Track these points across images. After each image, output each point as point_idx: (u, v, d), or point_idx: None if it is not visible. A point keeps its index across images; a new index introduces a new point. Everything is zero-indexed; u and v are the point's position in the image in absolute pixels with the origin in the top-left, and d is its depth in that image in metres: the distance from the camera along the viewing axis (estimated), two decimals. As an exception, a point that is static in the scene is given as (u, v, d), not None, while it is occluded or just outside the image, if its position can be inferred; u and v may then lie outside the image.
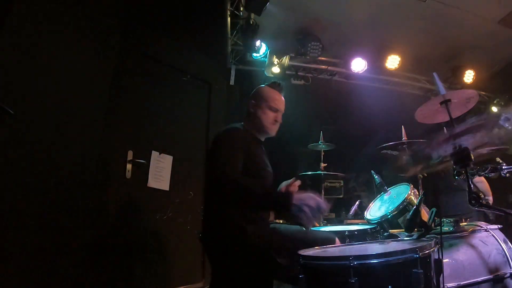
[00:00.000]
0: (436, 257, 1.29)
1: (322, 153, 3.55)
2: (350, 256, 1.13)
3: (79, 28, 2.33)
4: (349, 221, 4.06)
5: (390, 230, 2.20)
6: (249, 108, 2.03)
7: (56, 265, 2.05)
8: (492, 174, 1.48)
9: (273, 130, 2.02)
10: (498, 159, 3.38)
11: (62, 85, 2.21)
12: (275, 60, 3.92)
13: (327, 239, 1.81)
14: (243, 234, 1.66)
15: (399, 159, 1.52)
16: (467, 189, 1.34)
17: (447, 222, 1.81)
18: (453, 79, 4.66)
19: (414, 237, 1.55)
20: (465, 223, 1.95)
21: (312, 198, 1.48)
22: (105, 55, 2.56)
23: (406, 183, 2.42)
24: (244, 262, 1.68)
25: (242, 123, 2.05)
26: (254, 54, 3.87)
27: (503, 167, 1.47)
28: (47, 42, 2.12)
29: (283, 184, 2.09)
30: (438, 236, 1.40)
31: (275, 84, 2.07)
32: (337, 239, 1.86)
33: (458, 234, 1.75)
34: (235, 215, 1.73)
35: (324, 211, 1.49)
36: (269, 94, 2.02)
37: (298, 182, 1.85)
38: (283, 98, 2.06)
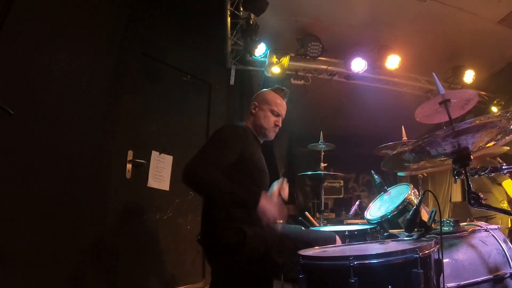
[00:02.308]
0: (436, 257, 1.29)
1: (322, 153, 3.55)
2: (350, 256, 1.13)
3: (79, 28, 2.34)
4: (349, 221, 4.06)
5: (390, 230, 2.20)
6: (251, 109, 2.04)
7: (56, 265, 2.05)
8: (492, 174, 1.48)
9: (271, 134, 2.04)
10: (498, 159, 3.39)
11: (62, 85, 2.21)
12: (275, 60, 3.92)
13: (328, 239, 1.82)
14: (243, 236, 1.66)
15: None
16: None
17: (447, 222, 1.81)
18: (453, 79, 4.66)
19: (414, 237, 1.55)
20: (465, 223, 1.95)
21: (272, 203, 1.63)
22: (105, 55, 2.56)
23: (406, 183, 2.42)
24: (244, 264, 1.68)
25: (244, 123, 2.05)
26: (254, 55, 3.87)
27: (503, 167, 1.47)
28: (47, 42, 2.12)
29: (274, 184, 2.10)
30: (438, 236, 1.40)
31: (280, 89, 2.10)
32: (337, 238, 1.86)
33: (458, 234, 1.75)
34: (235, 217, 1.73)
35: (284, 214, 1.65)
36: (273, 98, 2.04)
37: (286, 184, 1.98)
38: (285, 104, 2.09)
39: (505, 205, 3.59)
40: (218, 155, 1.70)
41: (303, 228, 2.30)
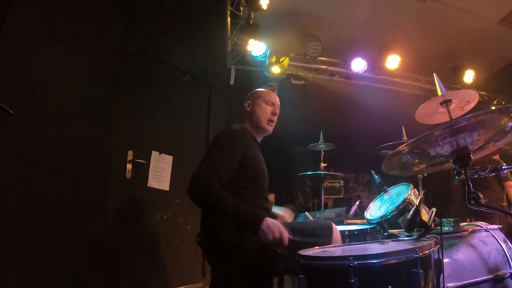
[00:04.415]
0: (436, 257, 1.30)
1: (322, 153, 3.55)
2: (350, 256, 1.13)
3: (79, 28, 2.34)
4: (349, 221, 4.06)
5: (390, 230, 2.20)
6: (245, 108, 2.07)
7: (56, 265, 2.05)
8: (492, 174, 1.48)
9: (270, 126, 2.04)
10: (498, 159, 3.37)
11: (62, 85, 2.21)
12: (275, 60, 3.92)
13: (324, 227, 1.84)
14: (240, 235, 1.66)
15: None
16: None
17: (447, 222, 1.81)
18: (453, 79, 4.66)
19: (414, 237, 1.55)
20: (465, 223, 1.95)
21: (278, 229, 1.56)
22: (105, 55, 2.56)
23: (406, 183, 2.42)
24: (244, 263, 1.68)
25: (240, 124, 2.05)
26: (254, 54, 3.87)
27: (503, 167, 1.47)
28: (47, 41, 2.12)
29: (277, 209, 2.12)
30: (438, 236, 1.40)
31: (267, 85, 2.13)
32: (334, 225, 1.86)
33: (458, 234, 1.75)
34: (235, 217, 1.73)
35: (284, 243, 1.57)
36: (263, 92, 2.09)
37: (289, 215, 1.99)
38: (276, 96, 2.12)
39: (504, 205, 3.59)
40: (221, 165, 1.70)
41: (300, 219, 2.31)
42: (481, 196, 1.33)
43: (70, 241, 2.14)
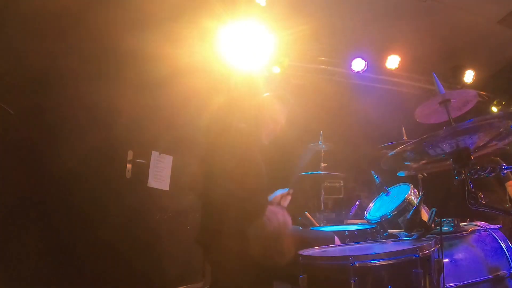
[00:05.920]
0: (436, 257, 1.30)
1: (322, 153, 3.55)
2: (350, 256, 1.14)
3: (79, 27, 2.34)
4: (349, 221, 4.06)
5: (390, 230, 2.20)
6: (255, 113, 2.06)
7: (55, 265, 2.05)
8: (492, 174, 1.48)
9: (268, 140, 2.10)
10: (498, 159, 3.37)
11: (62, 85, 2.21)
12: (275, 60, 3.92)
13: (326, 238, 1.84)
14: (243, 237, 1.66)
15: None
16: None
17: (447, 222, 1.81)
18: (453, 79, 4.67)
19: (414, 237, 1.55)
20: (465, 223, 1.95)
21: (281, 214, 1.64)
22: (105, 54, 2.56)
23: (406, 183, 2.42)
24: (245, 264, 1.68)
25: (244, 125, 2.05)
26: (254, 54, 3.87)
27: (503, 167, 1.47)
28: (46, 41, 2.12)
29: (278, 193, 2.12)
30: (438, 236, 1.40)
31: (281, 96, 2.15)
32: (336, 238, 1.87)
33: (458, 234, 1.75)
34: (236, 218, 1.73)
35: (289, 226, 1.65)
36: (276, 107, 2.11)
37: (290, 196, 2.03)
38: (285, 109, 2.15)
39: (507, 206, 3.58)
40: (223, 163, 1.72)
41: (300, 228, 2.31)
42: (481, 196, 1.33)
43: (69, 241, 2.14)
